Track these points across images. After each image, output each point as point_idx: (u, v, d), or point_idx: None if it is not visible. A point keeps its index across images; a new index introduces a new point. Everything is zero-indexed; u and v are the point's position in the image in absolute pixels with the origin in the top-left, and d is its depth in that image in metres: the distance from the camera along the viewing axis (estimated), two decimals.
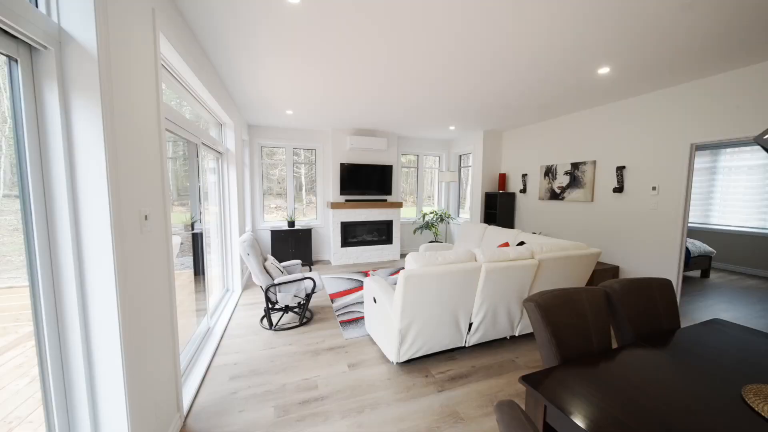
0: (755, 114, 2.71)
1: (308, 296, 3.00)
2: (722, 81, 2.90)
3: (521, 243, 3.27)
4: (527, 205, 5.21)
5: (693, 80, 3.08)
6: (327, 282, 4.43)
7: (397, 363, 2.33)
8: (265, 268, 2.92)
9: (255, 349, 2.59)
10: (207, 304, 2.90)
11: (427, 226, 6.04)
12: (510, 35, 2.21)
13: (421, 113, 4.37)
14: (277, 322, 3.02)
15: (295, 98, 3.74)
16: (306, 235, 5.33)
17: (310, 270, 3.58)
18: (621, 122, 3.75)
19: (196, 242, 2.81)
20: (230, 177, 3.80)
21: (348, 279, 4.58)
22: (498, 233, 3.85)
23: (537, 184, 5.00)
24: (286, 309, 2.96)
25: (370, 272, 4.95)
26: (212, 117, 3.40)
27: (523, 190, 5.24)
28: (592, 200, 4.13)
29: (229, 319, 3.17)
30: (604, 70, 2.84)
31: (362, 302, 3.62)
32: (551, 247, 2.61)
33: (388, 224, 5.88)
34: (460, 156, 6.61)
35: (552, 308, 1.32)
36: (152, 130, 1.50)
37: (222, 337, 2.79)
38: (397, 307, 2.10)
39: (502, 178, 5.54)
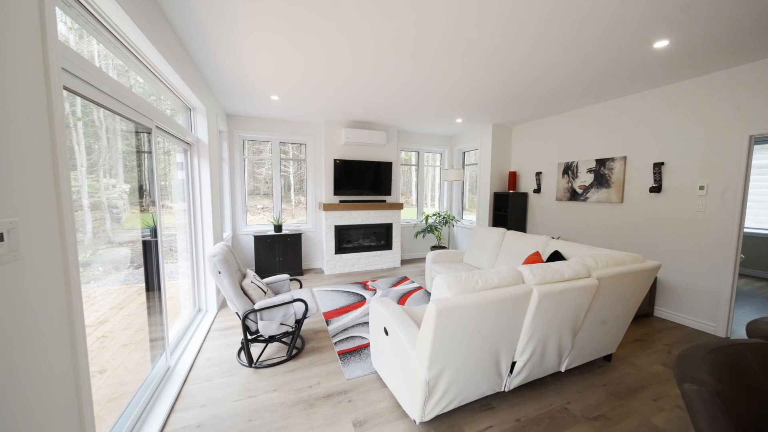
0: None
1: (299, 322, 2.38)
2: None
3: (555, 253, 2.74)
4: (542, 207, 4.72)
5: (755, 60, 2.62)
6: (320, 296, 3.80)
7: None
8: (242, 288, 2.29)
9: (228, 399, 1.96)
10: (165, 334, 2.24)
11: (430, 229, 5.48)
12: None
13: (424, 102, 3.81)
14: (259, 357, 2.38)
15: (281, 80, 3.10)
16: (295, 240, 4.68)
17: (301, 286, 2.95)
18: (660, 112, 3.28)
19: (149, 253, 2.15)
20: (202, 173, 3.14)
21: (345, 292, 3.96)
22: (520, 240, 3.32)
23: (554, 183, 4.51)
24: (270, 339, 2.33)
25: (369, 282, 4.36)
26: (177, 98, 2.73)
27: (537, 190, 4.75)
28: (621, 201, 3.65)
29: (198, 351, 2.52)
30: (661, 44, 2.34)
31: (364, 323, 3.02)
32: (606, 260, 2.08)
33: (388, 228, 5.29)
34: (464, 153, 6.09)
35: (730, 389, 0.76)
36: (29, 83, 0.87)
37: (185, 381, 2.14)
38: (425, 352, 1.51)
39: (513, 177, 5.04)
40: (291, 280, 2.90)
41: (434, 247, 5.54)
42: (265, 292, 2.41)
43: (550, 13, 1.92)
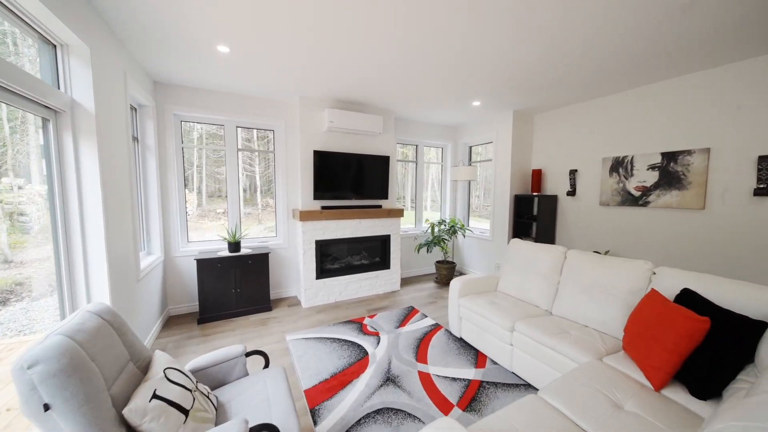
0: None
1: None
2: None
3: (687, 294, 1.73)
4: (579, 213, 3.80)
5: None
6: (297, 350, 2.52)
7: None
8: (126, 420, 0.99)
9: None
10: None
11: (437, 241, 4.38)
12: None
13: (424, 68, 2.68)
14: None
15: (232, 14, 1.81)
16: (260, 263, 3.35)
17: (267, 364, 1.67)
18: (760, 88, 2.44)
19: None
20: (84, 163, 1.77)
21: (334, 341, 2.71)
22: (599, 266, 2.27)
23: (596, 183, 3.60)
24: None
25: (366, 320, 3.14)
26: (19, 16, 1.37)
27: (572, 192, 3.82)
28: (702, 207, 2.78)
29: None
30: None
31: (379, 412, 1.82)
32: None
33: (384, 241, 4.11)
34: (470, 147, 5.09)
35: None
36: None
37: None
38: None
39: (537, 176, 4.09)
40: (248, 354, 1.61)
41: (440, 263, 4.44)
42: (186, 412, 1.12)
43: None
